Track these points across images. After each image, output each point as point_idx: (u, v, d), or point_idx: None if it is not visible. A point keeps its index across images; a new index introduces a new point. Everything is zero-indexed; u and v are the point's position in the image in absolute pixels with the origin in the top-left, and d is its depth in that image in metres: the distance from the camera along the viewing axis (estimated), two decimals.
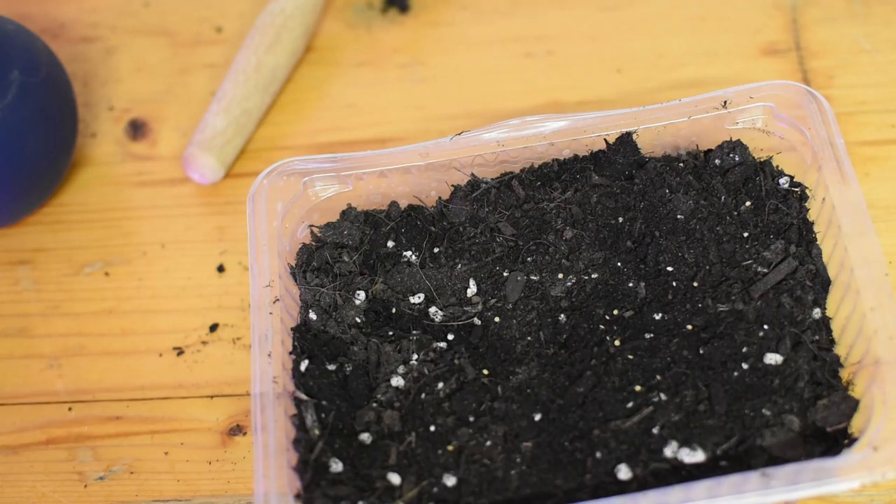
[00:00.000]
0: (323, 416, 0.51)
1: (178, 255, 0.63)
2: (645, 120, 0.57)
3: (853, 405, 0.49)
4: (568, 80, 0.67)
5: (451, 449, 0.50)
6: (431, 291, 0.55)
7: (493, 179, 0.58)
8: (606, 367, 0.51)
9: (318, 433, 0.51)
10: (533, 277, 0.55)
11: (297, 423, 0.51)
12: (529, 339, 0.53)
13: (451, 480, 0.50)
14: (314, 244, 0.58)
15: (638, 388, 0.51)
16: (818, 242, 0.54)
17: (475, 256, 0.56)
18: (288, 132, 0.67)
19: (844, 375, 0.51)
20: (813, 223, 0.55)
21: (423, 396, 0.52)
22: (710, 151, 0.57)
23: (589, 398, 0.51)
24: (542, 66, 0.68)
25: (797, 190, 0.55)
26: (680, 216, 0.55)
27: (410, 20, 0.71)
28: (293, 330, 0.55)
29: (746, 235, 0.54)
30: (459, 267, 0.56)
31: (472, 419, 0.51)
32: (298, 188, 0.57)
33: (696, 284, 0.53)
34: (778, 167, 0.56)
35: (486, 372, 0.52)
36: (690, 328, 0.52)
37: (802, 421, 0.49)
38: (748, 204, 0.55)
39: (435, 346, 0.53)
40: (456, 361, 0.53)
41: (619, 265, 0.55)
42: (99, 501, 0.56)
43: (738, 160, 0.56)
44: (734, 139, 0.57)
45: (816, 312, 0.52)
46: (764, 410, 0.49)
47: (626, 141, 0.57)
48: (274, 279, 0.54)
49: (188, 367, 0.59)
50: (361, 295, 0.55)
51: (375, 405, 0.52)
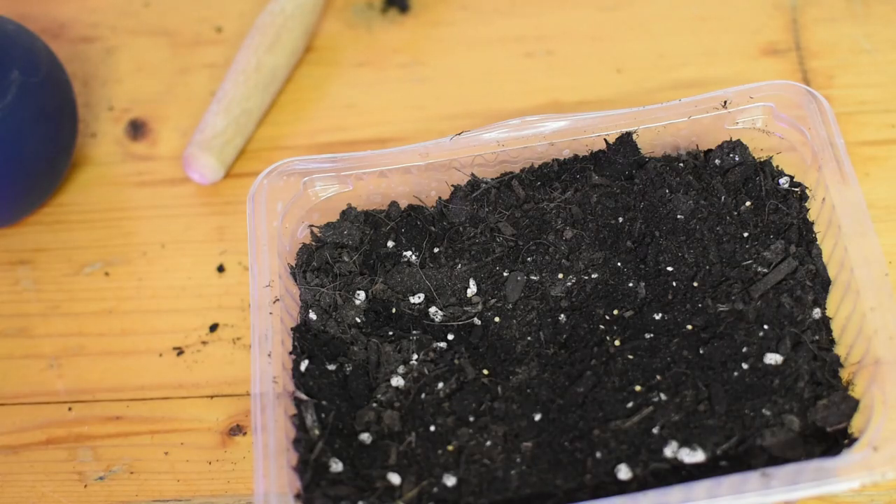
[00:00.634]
0: (323, 416, 0.51)
1: (178, 255, 0.63)
2: (645, 120, 0.57)
3: (853, 405, 0.49)
4: (568, 80, 0.67)
5: (451, 449, 0.50)
6: (431, 291, 0.55)
7: (493, 179, 0.58)
8: (606, 367, 0.51)
9: (318, 433, 0.51)
10: (533, 277, 0.55)
11: (297, 423, 0.51)
12: (529, 339, 0.53)
13: (451, 480, 0.50)
14: (314, 244, 0.58)
15: (638, 388, 0.51)
16: (818, 242, 0.54)
17: (475, 256, 0.56)
18: (288, 132, 0.67)
19: (844, 375, 0.51)
20: (813, 223, 0.55)
21: (423, 396, 0.52)
22: (710, 151, 0.57)
23: (589, 398, 0.51)
24: (542, 66, 0.68)
25: (797, 190, 0.55)
26: (680, 216, 0.55)
27: (410, 20, 0.71)
28: (293, 330, 0.55)
29: (746, 235, 0.54)
30: (459, 267, 0.56)
31: (472, 419, 0.51)
32: (298, 188, 0.57)
33: (696, 284, 0.53)
34: (778, 167, 0.56)
35: (486, 372, 0.52)
36: (690, 328, 0.52)
37: (802, 421, 0.49)
38: (748, 204, 0.55)
39: (435, 346, 0.53)
40: (456, 361, 0.53)
41: (619, 265, 0.55)
42: (99, 501, 0.56)
43: (738, 160, 0.56)
44: (734, 139, 0.57)
45: (816, 312, 0.52)
46: (764, 410, 0.49)
47: (626, 141, 0.57)
48: (274, 279, 0.54)
49: (188, 367, 0.59)
50: (361, 295, 0.55)
51: (375, 405, 0.52)
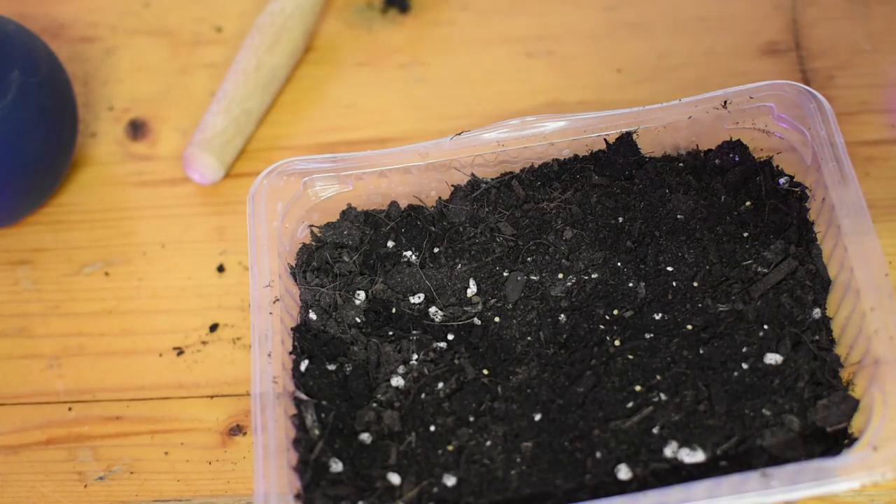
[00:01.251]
0: (323, 416, 0.51)
1: (178, 255, 0.63)
2: (645, 120, 0.57)
3: (853, 405, 0.49)
4: (568, 80, 0.67)
5: (451, 449, 0.50)
6: (431, 291, 0.55)
7: (493, 179, 0.58)
8: (606, 367, 0.51)
9: (318, 433, 0.51)
10: (533, 277, 0.55)
11: (297, 423, 0.51)
12: (529, 339, 0.53)
13: (451, 480, 0.50)
14: (314, 244, 0.58)
15: (638, 388, 0.51)
16: (818, 242, 0.54)
17: (475, 256, 0.56)
18: (288, 132, 0.67)
19: (844, 375, 0.51)
20: (813, 223, 0.55)
21: (423, 396, 0.52)
22: (709, 151, 0.57)
23: (589, 398, 0.51)
24: (542, 66, 0.68)
25: (797, 190, 0.55)
26: (680, 216, 0.55)
27: (410, 20, 0.71)
28: (293, 330, 0.55)
29: (746, 235, 0.54)
30: (459, 267, 0.56)
31: (472, 419, 0.51)
32: (298, 188, 0.57)
33: (696, 284, 0.53)
34: (778, 167, 0.56)
35: (486, 372, 0.52)
36: (690, 328, 0.52)
37: (802, 421, 0.49)
38: (748, 204, 0.55)
39: (435, 346, 0.53)
40: (456, 361, 0.53)
41: (619, 265, 0.55)
42: (99, 501, 0.56)
43: (737, 160, 0.56)
44: (734, 139, 0.57)
45: (816, 312, 0.52)
46: (764, 410, 0.49)
47: (625, 141, 0.57)
48: (274, 279, 0.54)
49: (188, 367, 0.59)
50: (361, 295, 0.55)
51: (375, 405, 0.52)
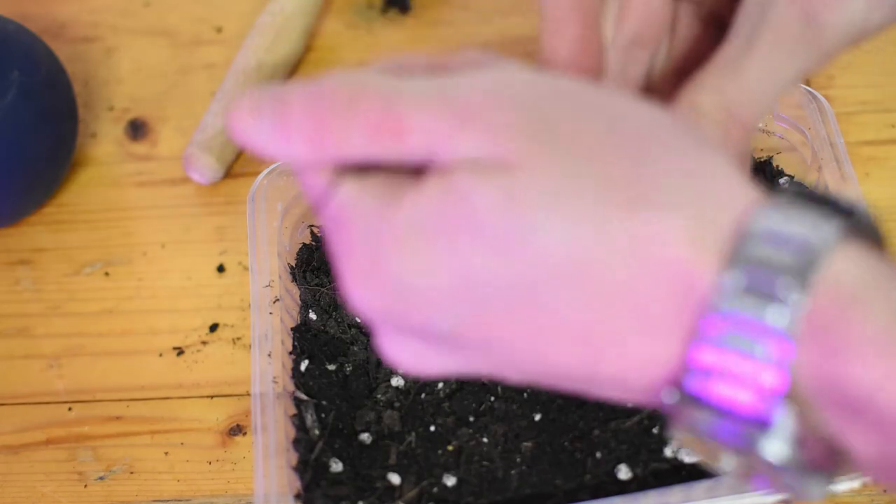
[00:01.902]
0: (323, 416, 0.51)
1: (178, 255, 0.63)
2: None
3: None
4: None
5: (451, 449, 0.50)
6: None
7: None
8: None
9: (318, 433, 0.51)
10: None
11: (297, 423, 0.51)
12: None
13: (451, 480, 0.50)
14: (314, 244, 0.58)
15: None
16: None
17: None
18: None
19: None
20: None
21: (423, 396, 0.52)
22: None
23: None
24: None
25: None
26: None
27: (410, 20, 0.71)
28: (293, 330, 0.54)
29: None
30: None
31: (472, 419, 0.51)
32: (298, 188, 0.57)
33: None
34: (778, 167, 0.56)
35: None
36: None
37: None
38: None
39: None
40: None
41: None
42: (99, 501, 0.56)
43: None
44: None
45: None
46: None
47: None
48: (274, 279, 0.54)
49: (188, 367, 0.59)
50: None
51: (375, 405, 0.52)
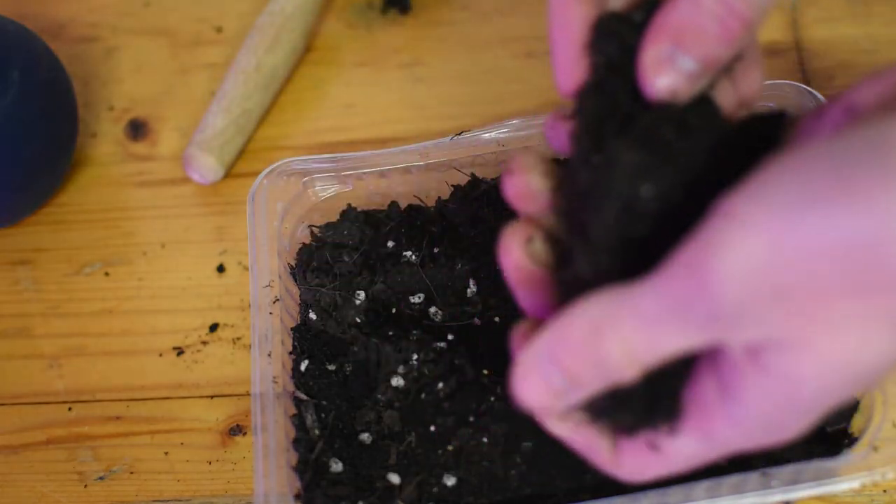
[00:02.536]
0: (323, 416, 0.52)
1: (178, 255, 0.63)
2: None
3: (853, 405, 0.49)
4: None
5: (451, 449, 0.50)
6: (431, 291, 0.55)
7: (493, 179, 0.58)
8: None
9: (318, 433, 0.51)
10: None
11: (297, 423, 0.51)
12: None
13: (451, 480, 0.50)
14: (314, 244, 0.58)
15: None
16: None
17: (475, 256, 0.56)
18: (288, 132, 0.67)
19: None
20: None
21: (423, 396, 0.52)
22: None
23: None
24: (542, 66, 0.68)
25: None
26: None
27: (410, 20, 0.71)
28: (293, 330, 0.55)
29: None
30: (459, 267, 0.56)
31: (472, 419, 0.51)
32: (298, 188, 0.57)
33: None
34: None
35: (486, 372, 0.52)
36: None
37: None
38: None
39: (435, 346, 0.53)
40: (456, 361, 0.53)
41: None
42: (99, 501, 0.56)
43: None
44: None
45: None
46: None
47: None
48: (274, 279, 0.54)
49: (188, 367, 0.59)
50: (361, 295, 0.55)
51: (375, 405, 0.52)
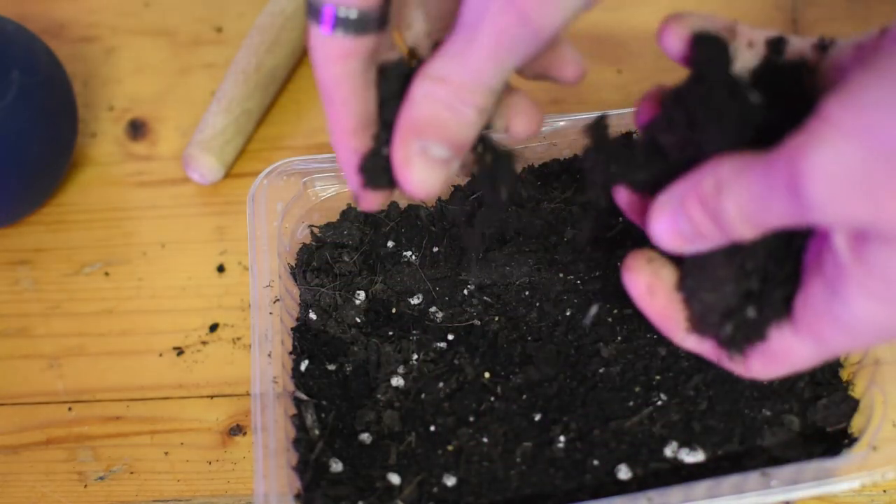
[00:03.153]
0: (323, 416, 0.51)
1: (178, 255, 0.63)
2: None
3: (853, 405, 0.49)
4: None
5: (451, 449, 0.50)
6: (431, 291, 0.55)
7: None
8: (607, 366, 0.51)
9: (318, 433, 0.51)
10: (533, 278, 0.55)
11: (297, 423, 0.51)
12: (529, 339, 0.53)
13: (451, 480, 0.50)
14: (314, 244, 0.58)
15: (638, 388, 0.51)
16: None
17: (475, 256, 0.56)
18: (288, 132, 0.67)
19: (844, 375, 0.51)
20: None
21: (423, 396, 0.52)
22: None
23: (589, 398, 0.51)
24: None
25: None
26: None
27: None
28: (293, 330, 0.55)
29: None
30: (459, 267, 0.56)
31: (472, 419, 0.51)
32: (298, 188, 0.57)
33: None
34: None
35: (486, 372, 0.52)
36: None
37: (802, 421, 0.49)
38: None
39: (435, 346, 0.53)
40: (456, 361, 0.53)
41: (619, 264, 0.54)
42: (99, 501, 0.56)
43: None
44: None
45: None
46: (764, 410, 0.49)
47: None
48: (274, 279, 0.54)
49: (188, 367, 0.59)
50: (361, 295, 0.55)
51: (375, 405, 0.52)
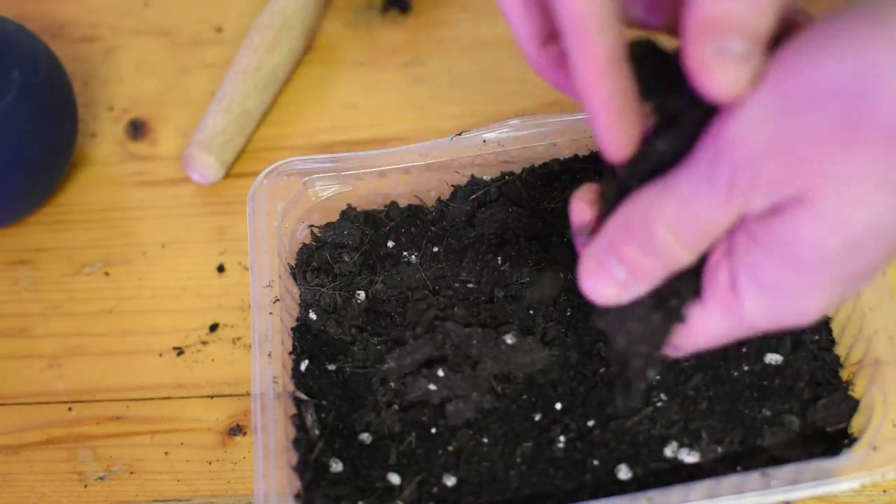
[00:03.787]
0: (323, 416, 0.51)
1: (178, 255, 0.63)
2: None
3: (853, 405, 0.49)
4: None
5: (451, 449, 0.50)
6: (431, 292, 0.55)
7: (493, 179, 0.58)
8: (607, 367, 0.51)
9: (318, 433, 0.51)
10: (533, 278, 0.55)
11: (297, 423, 0.51)
12: (530, 339, 0.53)
13: (451, 480, 0.50)
14: (314, 244, 0.58)
15: None
16: None
17: (475, 256, 0.56)
18: (288, 132, 0.67)
19: (844, 375, 0.51)
20: None
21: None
22: None
23: (589, 398, 0.51)
24: None
25: None
26: None
27: (410, 20, 0.71)
28: (293, 330, 0.55)
29: None
30: (459, 266, 0.56)
31: (472, 419, 0.51)
32: (298, 188, 0.57)
33: None
34: None
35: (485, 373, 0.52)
36: None
37: (802, 421, 0.49)
38: None
39: None
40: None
41: None
42: (99, 501, 0.56)
43: None
44: None
45: None
46: (764, 410, 0.49)
47: None
48: (274, 279, 0.54)
49: (188, 367, 0.59)
50: (361, 295, 0.55)
51: (375, 405, 0.52)
